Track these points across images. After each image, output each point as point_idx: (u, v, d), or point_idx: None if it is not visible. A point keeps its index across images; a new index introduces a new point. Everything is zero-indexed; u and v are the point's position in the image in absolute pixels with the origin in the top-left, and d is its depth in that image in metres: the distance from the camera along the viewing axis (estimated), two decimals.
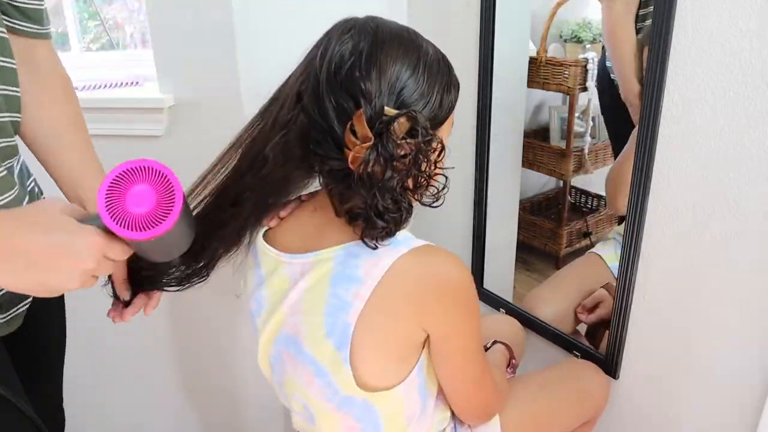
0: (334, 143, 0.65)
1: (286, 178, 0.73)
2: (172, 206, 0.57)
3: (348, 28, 0.68)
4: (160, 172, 0.57)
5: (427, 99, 0.68)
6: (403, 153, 0.64)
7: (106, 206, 0.56)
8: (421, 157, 0.65)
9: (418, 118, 0.64)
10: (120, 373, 1.62)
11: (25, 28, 0.80)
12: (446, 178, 0.70)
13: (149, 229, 0.56)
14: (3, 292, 0.74)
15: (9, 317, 0.78)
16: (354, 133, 0.63)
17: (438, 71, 0.69)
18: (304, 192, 0.79)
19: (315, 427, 0.80)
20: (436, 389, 0.81)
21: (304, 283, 0.73)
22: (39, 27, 0.82)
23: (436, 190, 0.70)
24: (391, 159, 0.62)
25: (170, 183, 0.57)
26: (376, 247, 0.68)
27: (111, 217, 0.56)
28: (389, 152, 0.62)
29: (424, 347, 0.75)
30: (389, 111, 0.64)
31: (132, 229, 0.56)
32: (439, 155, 0.67)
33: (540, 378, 1.01)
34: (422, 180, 0.67)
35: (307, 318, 0.73)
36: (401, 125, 0.63)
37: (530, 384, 0.97)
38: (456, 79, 0.73)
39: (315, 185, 0.77)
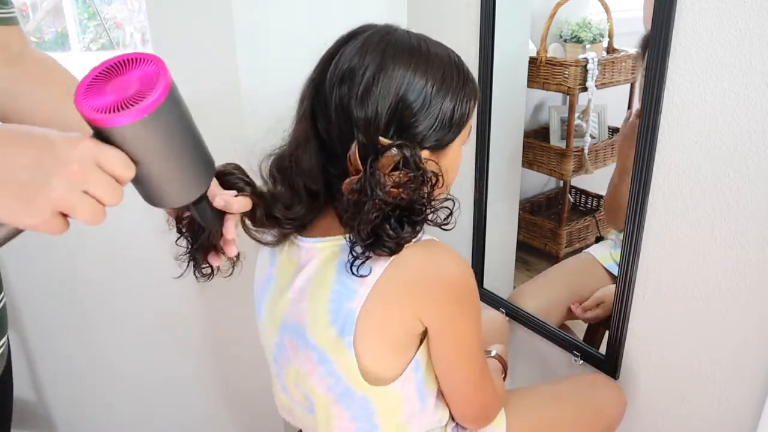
0: (343, 168, 0.67)
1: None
2: (154, 87, 0.48)
3: (362, 43, 0.67)
4: (146, 59, 0.49)
5: (434, 120, 0.68)
6: (393, 184, 0.64)
7: (85, 95, 0.47)
8: (413, 187, 0.65)
9: (406, 152, 0.64)
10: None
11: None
12: (454, 203, 0.70)
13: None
14: None
15: None
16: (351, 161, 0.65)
17: (450, 86, 0.69)
18: None
19: (314, 416, 0.80)
20: (436, 388, 0.81)
21: (310, 269, 0.74)
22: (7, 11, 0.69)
23: (447, 213, 0.70)
24: (373, 193, 0.63)
25: (157, 67, 0.49)
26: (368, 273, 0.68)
27: (88, 105, 0.47)
28: (372, 186, 0.63)
29: (422, 342, 0.75)
30: (383, 141, 0.64)
31: (109, 113, 0.46)
32: (433, 187, 0.67)
33: (554, 389, 0.99)
34: (419, 208, 0.67)
35: (311, 305, 0.73)
36: (388, 159, 0.64)
37: (544, 394, 0.96)
38: (472, 88, 0.72)
39: None
